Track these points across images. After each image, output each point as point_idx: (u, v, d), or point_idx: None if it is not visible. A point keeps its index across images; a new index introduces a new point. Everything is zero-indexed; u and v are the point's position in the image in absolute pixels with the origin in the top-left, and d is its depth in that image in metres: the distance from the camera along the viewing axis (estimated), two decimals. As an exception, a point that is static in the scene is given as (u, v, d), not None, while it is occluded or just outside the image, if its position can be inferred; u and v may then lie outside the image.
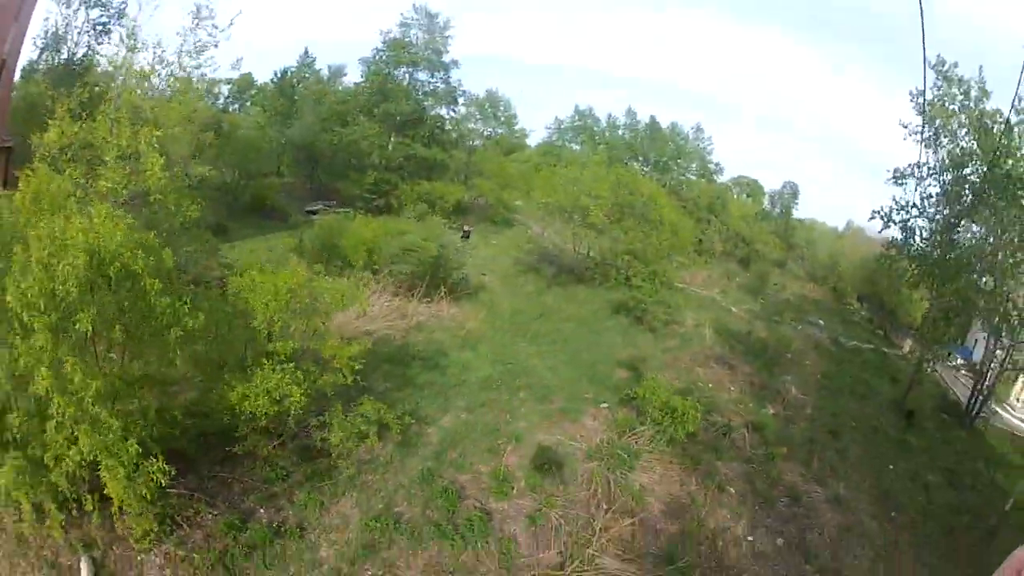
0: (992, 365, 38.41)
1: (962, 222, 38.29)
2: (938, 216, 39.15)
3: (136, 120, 26.37)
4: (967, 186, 37.60)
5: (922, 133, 38.39)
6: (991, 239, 36.98)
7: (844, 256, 74.06)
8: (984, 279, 37.57)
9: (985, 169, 35.82)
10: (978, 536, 25.42)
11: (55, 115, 25.60)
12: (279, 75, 75.72)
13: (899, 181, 40.18)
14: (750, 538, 21.94)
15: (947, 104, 37.17)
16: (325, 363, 19.65)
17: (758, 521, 22.91)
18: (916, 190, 40.31)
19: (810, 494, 25.31)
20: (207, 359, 17.72)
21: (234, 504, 18.14)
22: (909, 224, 40.57)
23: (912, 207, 40.06)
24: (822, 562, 21.63)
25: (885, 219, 40.62)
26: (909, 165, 39.29)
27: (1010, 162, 34.73)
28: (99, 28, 48.45)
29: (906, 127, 38.85)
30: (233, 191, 46.68)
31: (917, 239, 40.34)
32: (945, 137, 37.84)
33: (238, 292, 19.86)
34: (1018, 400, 31.54)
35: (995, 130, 35.15)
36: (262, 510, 18.46)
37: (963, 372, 44.58)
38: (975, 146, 36.70)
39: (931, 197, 39.48)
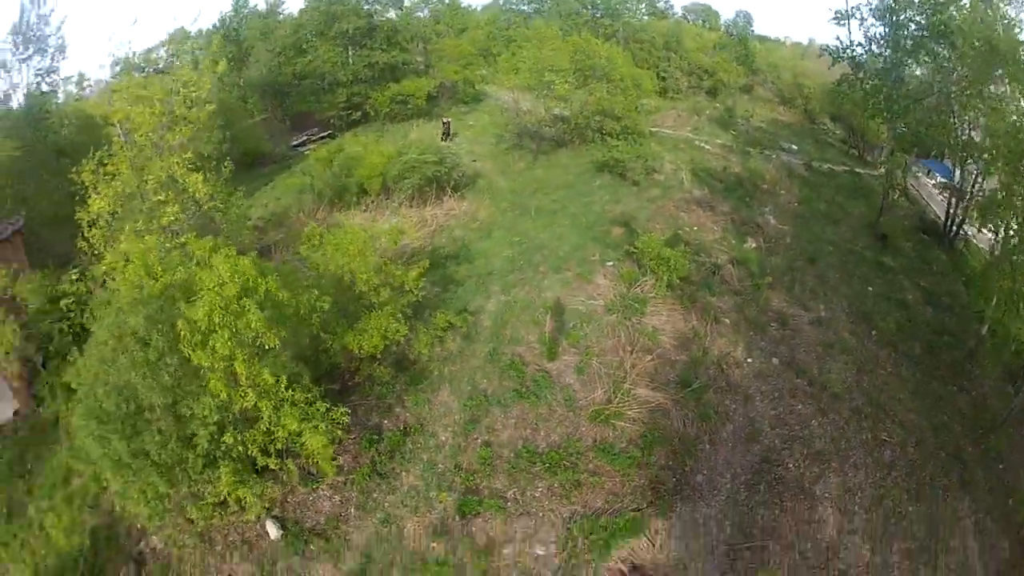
0: (965, 188, 41.77)
1: (907, 61, 42.96)
2: (883, 55, 43.65)
3: (155, 149, 31.30)
4: (906, 30, 41.97)
5: None
6: (937, 77, 41.70)
7: (809, 77, 76.51)
8: (936, 114, 41.31)
9: (924, 17, 40.39)
10: (959, 356, 32.23)
11: (80, 184, 31.04)
12: (219, 23, 78.85)
13: (840, 21, 44.93)
14: (749, 360, 29.62)
15: None
16: (398, 289, 26.77)
17: (753, 345, 30.46)
18: (860, 29, 45.37)
19: (795, 317, 32.61)
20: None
21: (363, 424, 25.86)
22: (857, 60, 45.40)
23: (858, 45, 44.91)
24: (811, 376, 29.15)
25: (833, 56, 45.96)
26: (850, 7, 43.76)
27: (951, 10, 39.16)
28: (44, 71, 52.00)
29: None
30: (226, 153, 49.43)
31: (867, 75, 45.05)
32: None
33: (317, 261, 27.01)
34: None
35: None
36: (386, 421, 26.41)
37: (940, 191, 49.02)
38: None
39: (875, 38, 44.06)
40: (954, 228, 44.20)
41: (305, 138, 59.24)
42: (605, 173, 44.39)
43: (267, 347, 21.18)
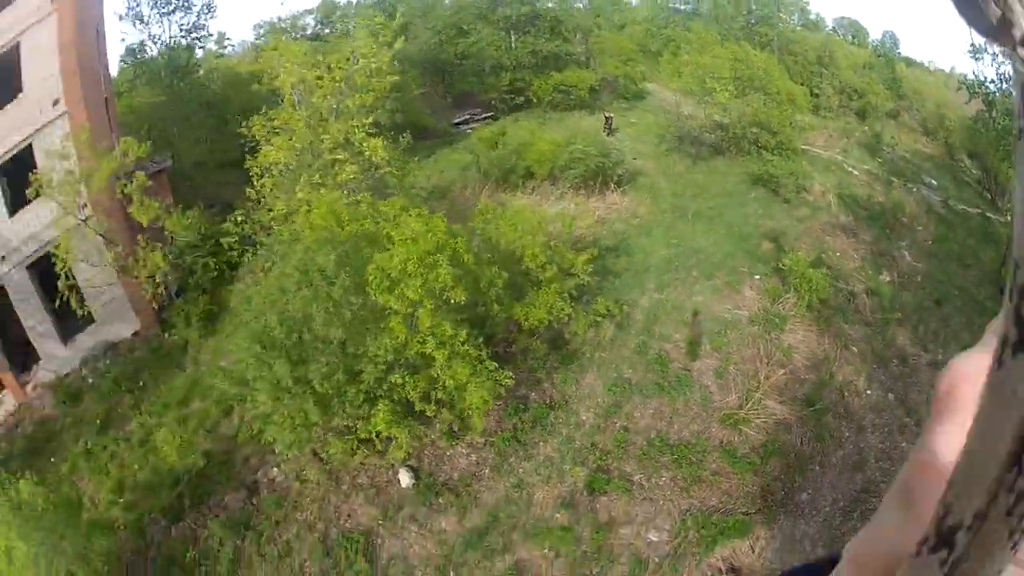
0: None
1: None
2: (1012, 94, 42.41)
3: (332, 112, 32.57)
4: None
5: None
6: None
7: (951, 109, 72.64)
8: None
9: None
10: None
11: (250, 136, 32.62)
12: None
13: (976, 56, 43.80)
14: (868, 391, 30.04)
15: None
16: (564, 271, 28.02)
17: (874, 377, 30.76)
18: (992, 66, 43.67)
19: (915, 357, 32.66)
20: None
21: (512, 393, 26.69)
22: (989, 99, 44.20)
23: (990, 82, 43.68)
24: (919, 416, 28.98)
25: (969, 91, 45.02)
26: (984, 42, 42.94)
27: None
28: (190, 27, 54.72)
29: None
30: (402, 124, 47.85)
31: (999, 115, 43.75)
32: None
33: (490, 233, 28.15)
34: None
35: None
36: (533, 393, 27.71)
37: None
38: None
39: (1006, 76, 41.50)
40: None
41: (467, 116, 59.58)
42: (759, 186, 44.22)
43: (451, 301, 22.52)
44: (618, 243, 36.04)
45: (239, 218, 32.59)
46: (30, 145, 32.87)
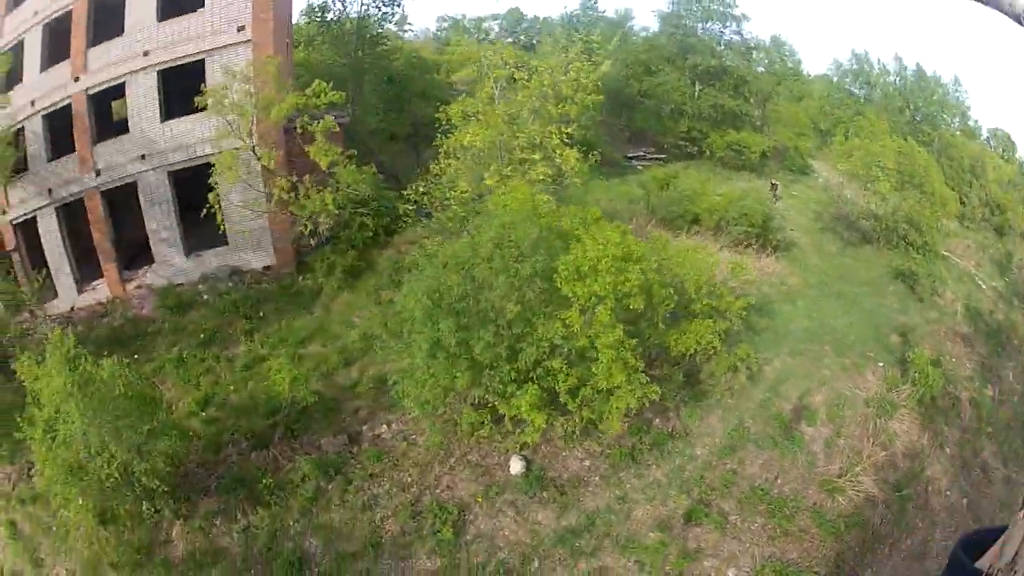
0: None
1: None
2: None
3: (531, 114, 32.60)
4: None
5: None
6: None
7: None
8: None
9: None
10: None
11: (445, 120, 32.75)
12: (567, 18, 79.39)
13: None
14: (948, 492, 30.26)
15: None
16: (719, 312, 28.81)
17: (956, 481, 30.90)
18: None
19: (995, 470, 32.80)
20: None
21: (639, 414, 27.44)
22: None
23: None
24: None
25: None
26: None
27: None
28: (384, 2, 52.85)
29: None
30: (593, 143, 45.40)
31: None
32: None
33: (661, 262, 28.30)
34: None
35: None
36: (658, 420, 28.54)
37: None
38: None
39: None
40: None
41: (642, 153, 58.79)
42: (899, 281, 44.09)
43: (628, 308, 23.20)
44: (763, 304, 36.45)
45: (420, 188, 32.81)
46: (199, 61, 32.79)
